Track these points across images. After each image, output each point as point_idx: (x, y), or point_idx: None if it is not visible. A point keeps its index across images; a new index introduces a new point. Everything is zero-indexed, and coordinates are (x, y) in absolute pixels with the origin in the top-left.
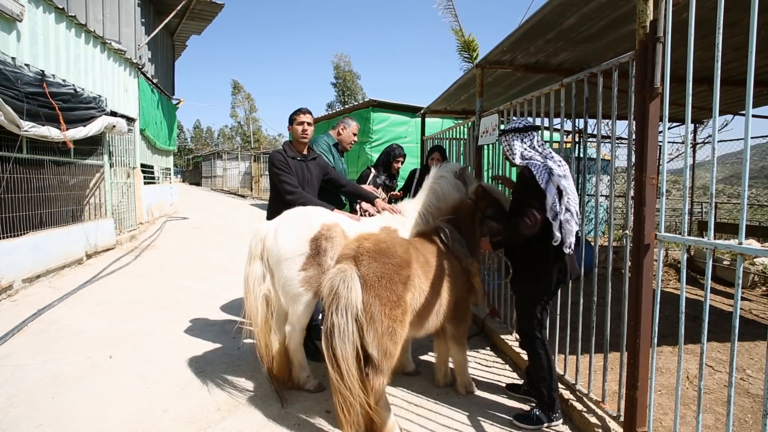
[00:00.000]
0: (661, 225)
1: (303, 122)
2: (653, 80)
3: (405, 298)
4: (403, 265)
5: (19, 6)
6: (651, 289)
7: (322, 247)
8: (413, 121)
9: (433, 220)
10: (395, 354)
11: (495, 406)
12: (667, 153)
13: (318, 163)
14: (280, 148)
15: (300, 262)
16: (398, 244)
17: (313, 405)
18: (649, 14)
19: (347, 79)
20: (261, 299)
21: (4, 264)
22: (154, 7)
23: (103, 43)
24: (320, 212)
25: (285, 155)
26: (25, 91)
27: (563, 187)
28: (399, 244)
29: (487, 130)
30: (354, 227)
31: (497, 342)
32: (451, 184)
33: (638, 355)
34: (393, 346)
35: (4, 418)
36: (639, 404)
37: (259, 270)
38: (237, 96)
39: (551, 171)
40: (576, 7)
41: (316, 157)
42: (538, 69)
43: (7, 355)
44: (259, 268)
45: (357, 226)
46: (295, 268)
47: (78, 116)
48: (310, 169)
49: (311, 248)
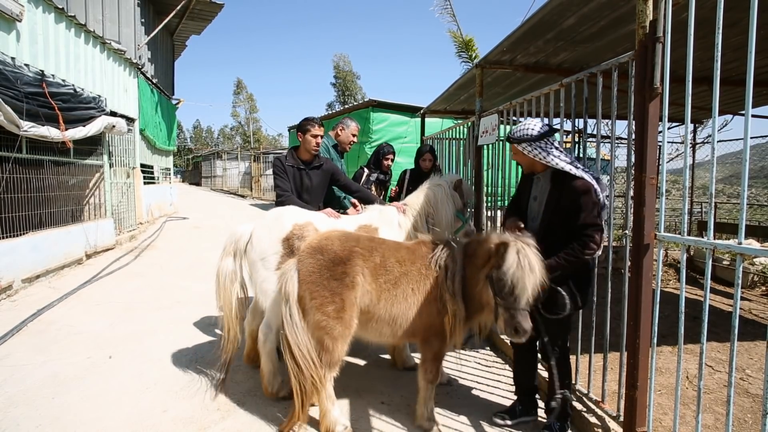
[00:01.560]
0: (660, 225)
1: (317, 135)
2: (653, 80)
3: (342, 295)
4: (337, 262)
5: (19, 6)
6: (651, 289)
7: (295, 246)
8: (413, 121)
9: (420, 222)
10: (333, 349)
11: (495, 406)
12: (667, 153)
13: (323, 170)
14: (283, 155)
15: (275, 262)
16: (340, 241)
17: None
18: (649, 14)
19: (347, 79)
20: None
21: (4, 264)
22: (154, 7)
23: (103, 43)
24: (294, 212)
25: (283, 163)
26: (24, 91)
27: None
28: (340, 241)
29: (486, 130)
30: (328, 226)
31: (497, 342)
32: (446, 193)
33: (638, 354)
34: (330, 341)
35: (4, 418)
36: (639, 404)
37: (230, 265)
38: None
39: (599, 181)
40: (576, 7)
41: (320, 164)
42: (537, 69)
43: (7, 355)
44: (230, 263)
45: (331, 225)
46: (271, 267)
47: (78, 116)
48: (310, 177)
49: (284, 247)
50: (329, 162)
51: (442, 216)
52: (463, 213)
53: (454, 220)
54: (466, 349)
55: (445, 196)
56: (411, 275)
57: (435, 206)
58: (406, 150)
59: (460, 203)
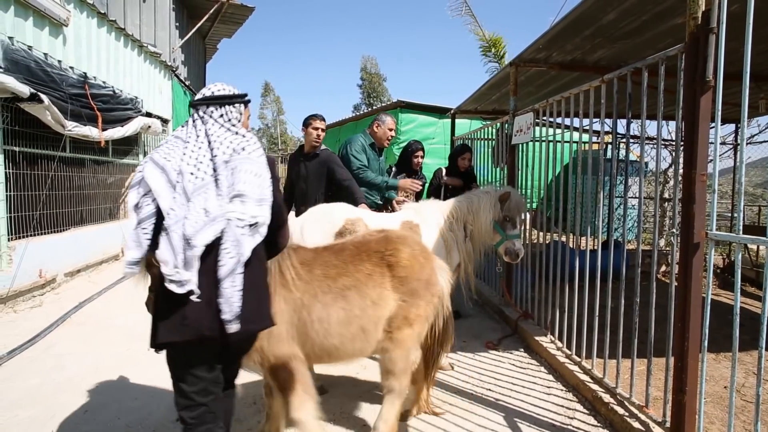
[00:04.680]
0: (712, 223)
1: (318, 128)
2: (704, 73)
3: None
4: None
5: (66, 12)
6: (700, 290)
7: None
8: (441, 122)
9: (456, 225)
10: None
11: (532, 408)
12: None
13: (320, 160)
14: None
15: None
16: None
17: (347, 401)
18: (701, 4)
19: (373, 81)
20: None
21: (49, 258)
22: (188, 11)
23: (141, 46)
24: (343, 208)
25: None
26: (69, 93)
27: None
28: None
29: (521, 128)
30: (376, 221)
31: (531, 344)
32: (490, 203)
33: (686, 358)
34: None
35: (54, 403)
36: (687, 409)
37: None
38: (266, 98)
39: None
40: (617, 1)
41: (318, 154)
42: (573, 67)
43: (53, 344)
44: None
45: (379, 221)
46: None
47: (116, 117)
48: (307, 166)
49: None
50: (327, 152)
51: (480, 225)
52: (503, 227)
53: (492, 231)
54: (499, 349)
55: (488, 205)
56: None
57: (475, 213)
58: (434, 151)
59: (500, 216)
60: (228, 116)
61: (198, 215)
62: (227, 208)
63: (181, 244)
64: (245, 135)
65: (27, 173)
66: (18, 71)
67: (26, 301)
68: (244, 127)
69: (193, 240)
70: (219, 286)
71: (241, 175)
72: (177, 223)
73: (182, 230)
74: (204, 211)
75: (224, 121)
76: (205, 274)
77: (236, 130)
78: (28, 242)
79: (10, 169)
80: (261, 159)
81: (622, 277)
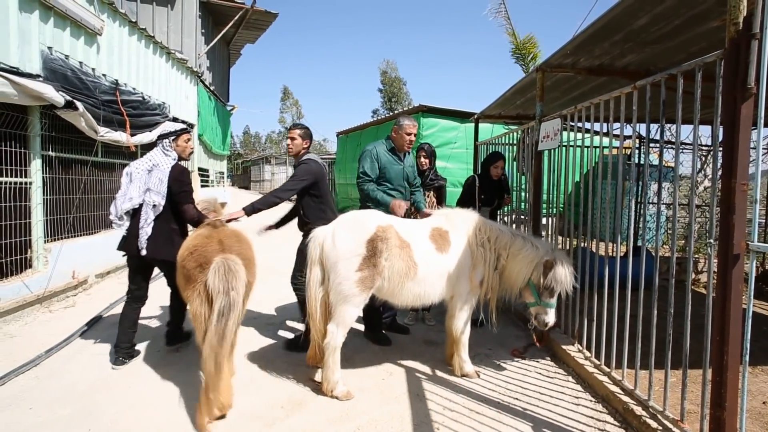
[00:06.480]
0: (754, 234)
1: (292, 138)
2: (746, 80)
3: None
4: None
5: (100, 21)
6: (740, 303)
7: (378, 249)
8: (463, 126)
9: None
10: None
11: (561, 418)
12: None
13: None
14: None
15: (357, 263)
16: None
17: (374, 408)
18: (743, 10)
19: (393, 86)
20: (320, 301)
21: (81, 259)
22: (213, 18)
23: (168, 53)
24: (375, 215)
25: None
26: (101, 99)
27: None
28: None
29: (548, 134)
30: (407, 228)
31: (558, 352)
32: (532, 260)
33: (725, 372)
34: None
35: (90, 401)
36: (727, 426)
37: (318, 275)
38: (285, 102)
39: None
40: (650, 6)
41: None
42: (601, 72)
43: (87, 345)
44: (318, 273)
45: (410, 227)
46: (352, 268)
47: (145, 122)
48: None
49: (368, 249)
50: (301, 163)
51: (513, 272)
52: (539, 292)
53: (525, 287)
54: (525, 358)
55: (528, 260)
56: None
57: (512, 256)
58: (456, 156)
59: (539, 280)
60: (164, 145)
61: (126, 196)
62: (143, 195)
63: (116, 207)
64: (169, 155)
65: (62, 177)
66: (56, 79)
67: (60, 301)
68: (180, 147)
69: (120, 207)
70: (138, 230)
71: (152, 179)
72: (119, 198)
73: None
74: (129, 194)
75: (162, 148)
76: (135, 224)
77: (167, 153)
78: (62, 244)
79: (47, 173)
80: (166, 171)
81: (654, 286)
